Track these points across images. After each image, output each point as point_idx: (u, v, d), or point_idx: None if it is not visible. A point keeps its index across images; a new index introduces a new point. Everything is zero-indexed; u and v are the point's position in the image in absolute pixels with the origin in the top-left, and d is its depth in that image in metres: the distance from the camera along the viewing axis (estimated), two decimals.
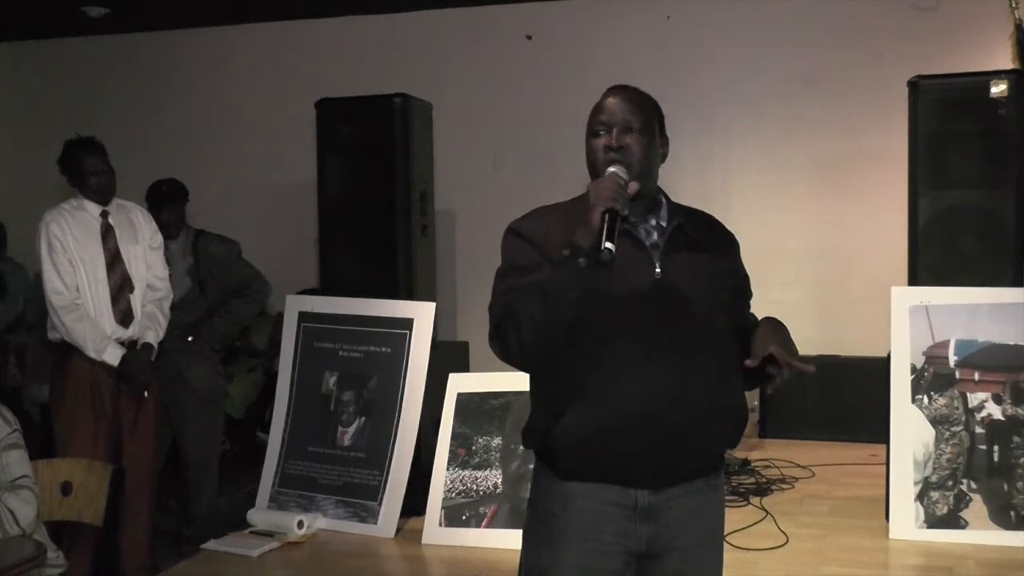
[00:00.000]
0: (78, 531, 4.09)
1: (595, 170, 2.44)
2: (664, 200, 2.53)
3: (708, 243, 2.48)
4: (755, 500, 5.22)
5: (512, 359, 2.42)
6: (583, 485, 2.44)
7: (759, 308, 6.28)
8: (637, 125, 2.43)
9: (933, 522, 4.60)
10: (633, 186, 2.35)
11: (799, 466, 5.85)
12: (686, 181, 7.26)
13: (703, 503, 2.48)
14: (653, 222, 2.48)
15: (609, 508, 2.42)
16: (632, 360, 2.36)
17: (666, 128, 2.54)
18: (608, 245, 2.22)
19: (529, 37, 7.59)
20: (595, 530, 2.43)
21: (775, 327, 2.42)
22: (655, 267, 2.41)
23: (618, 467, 2.40)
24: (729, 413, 2.48)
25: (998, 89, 4.89)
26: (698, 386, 2.37)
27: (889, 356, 4.78)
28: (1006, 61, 6.29)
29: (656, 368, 2.35)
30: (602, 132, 2.44)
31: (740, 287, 2.60)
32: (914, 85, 5.01)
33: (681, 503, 2.43)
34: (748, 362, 2.34)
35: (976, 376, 4.67)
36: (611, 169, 2.38)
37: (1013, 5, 6.29)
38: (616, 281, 2.35)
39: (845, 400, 6.44)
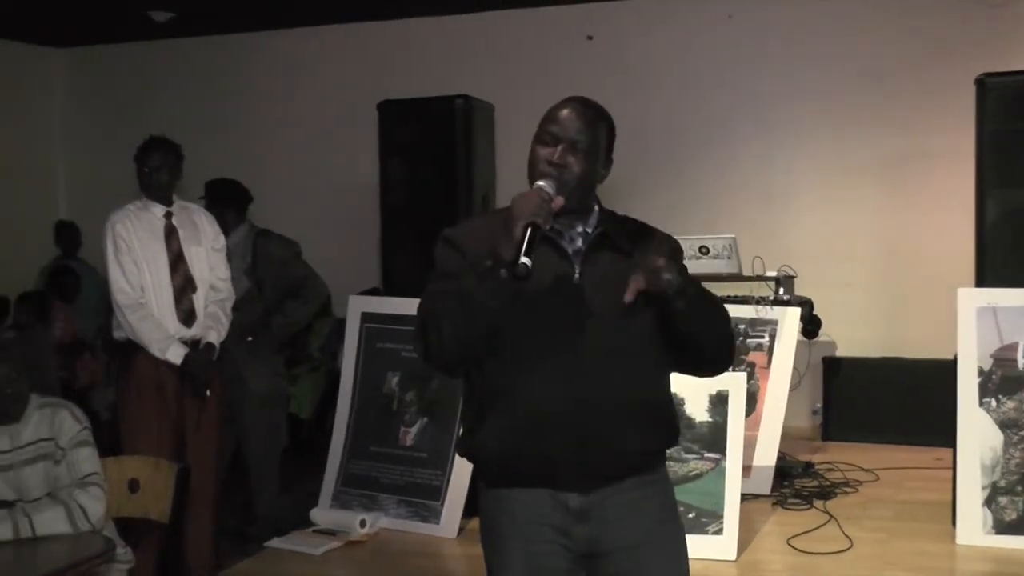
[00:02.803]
0: (145, 528, 4.14)
1: (533, 176, 2.45)
2: (597, 208, 2.53)
3: (635, 249, 2.47)
4: (818, 504, 5.16)
5: (431, 361, 2.45)
6: (513, 491, 2.47)
7: (823, 310, 6.19)
8: (583, 145, 2.44)
9: (1001, 528, 4.52)
10: (558, 201, 2.36)
11: (863, 469, 5.77)
12: (747, 180, 7.23)
13: (640, 500, 2.48)
14: (579, 229, 2.49)
15: (543, 511, 2.44)
16: (546, 365, 2.38)
17: (614, 150, 2.53)
18: (524, 260, 2.23)
19: (591, 38, 7.59)
20: (533, 533, 2.45)
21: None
22: (574, 273, 2.43)
23: (540, 472, 2.42)
24: (648, 413, 2.48)
25: None
26: (613, 388, 2.39)
27: (955, 358, 4.71)
28: None
29: (569, 372, 2.37)
30: (549, 143, 2.45)
31: None
32: (981, 83, 4.95)
33: (616, 502, 2.45)
34: (626, 297, 2.31)
35: None
36: (539, 183, 2.39)
37: None
38: (535, 288, 2.35)
39: (909, 403, 6.36)
